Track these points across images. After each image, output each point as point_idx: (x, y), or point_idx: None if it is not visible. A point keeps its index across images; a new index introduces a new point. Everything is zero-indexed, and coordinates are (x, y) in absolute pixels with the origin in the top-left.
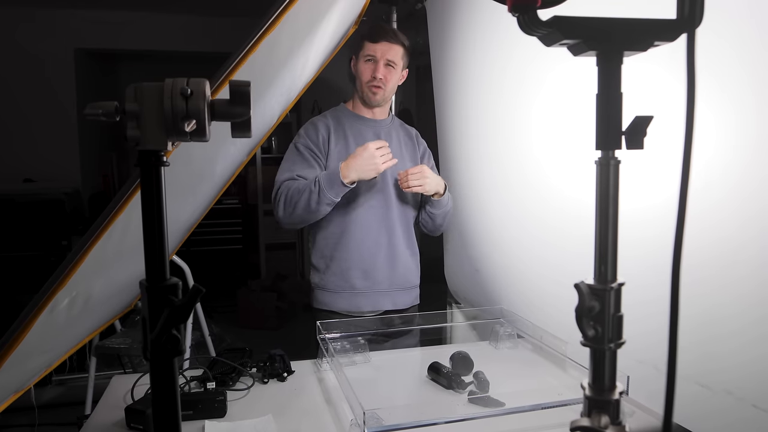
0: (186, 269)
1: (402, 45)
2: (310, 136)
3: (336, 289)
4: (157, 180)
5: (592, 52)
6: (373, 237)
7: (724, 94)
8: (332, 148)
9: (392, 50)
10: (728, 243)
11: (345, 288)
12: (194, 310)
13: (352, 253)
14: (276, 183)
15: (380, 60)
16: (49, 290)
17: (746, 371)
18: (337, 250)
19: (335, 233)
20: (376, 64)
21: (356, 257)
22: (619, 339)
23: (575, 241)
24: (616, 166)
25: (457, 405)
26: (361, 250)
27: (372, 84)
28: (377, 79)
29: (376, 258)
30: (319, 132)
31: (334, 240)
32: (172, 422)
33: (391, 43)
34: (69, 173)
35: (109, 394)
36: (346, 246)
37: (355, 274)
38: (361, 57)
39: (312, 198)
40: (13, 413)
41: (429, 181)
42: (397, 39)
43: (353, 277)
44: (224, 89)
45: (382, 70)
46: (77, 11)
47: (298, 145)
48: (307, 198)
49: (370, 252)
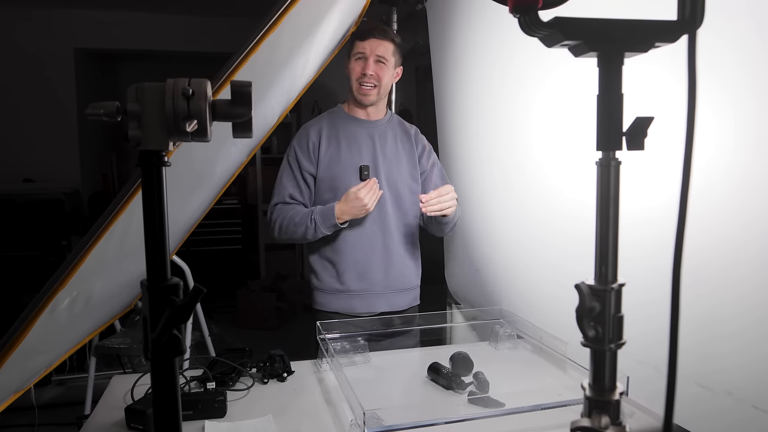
0: (186, 269)
1: (392, 41)
2: (300, 147)
3: (331, 290)
4: (158, 180)
5: (593, 53)
6: (368, 239)
7: (725, 94)
8: (323, 153)
9: (381, 46)
10: (729, 243)
11: (340, 289)
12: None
13: (347, 256)
14: (270, 204)
15: (370, 56)
16: (49, 290)
17: (746, 372)
18: (333, 252)
19: (331, 236)
20: (366, 61)
21: (351, 259)
22: (620, 339)
23: (576, 241)
24: (617, 167)
25: (456, 405)
26: (356, 253)
27: (363, 81)
28: (367, 75)
29: (371, 260)
30: (310, 139)
31: (330, 243)
32: (172, 422)
33: (380, 39)
34: (69, 173)
35: (108, 394)
36: (342, 248)
37: (350, 276)
38: (352, 56)
39: (308, 232)
40: (13, 413)
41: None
42: (386, 35)
43: (348, 279)
44: (225, 89)
45: (372, 66)
46: (77, 11)
47: (289, 159)
48: (303, 231)
49: (365, 254)
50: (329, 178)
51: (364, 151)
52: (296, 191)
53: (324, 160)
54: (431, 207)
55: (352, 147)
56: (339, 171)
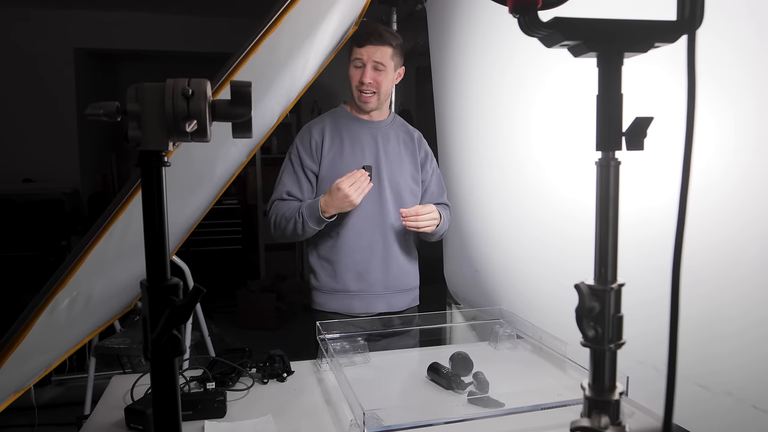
0: (186, 269)
1: (390, 45)
2: (303, 145)
3: (330, 290)
4: (157, 180)
5: (592, 53)
6: (367, 240)
7: (725, 95)
8: (326, 152)
9: (379, 52)
10: (728, 244)
11: (338, 290)
12: (194, 310)
13: (346, 256)
14: (270, 200)
15: (367, 63)
16: (49, 290)
17: (746, 372)
18: (332, 252)
19: (330, 236)
20: (363, 69)
21: (350, 260)
22: (619, 340)
23: (575, 242)
24: (617, 167)
25: (456, 405)
26: (355, 253)
27: (361, 89)
28: (365, 83)
29: (370, 261)
30: (313, 138)
31: (329, 242)
32: (172, 422)
33: (377, 45)
34: (68, 173)
35: (108, 395)
36: (341, 249)
37: (349, 277)
38: (351, 62)
39: (297, 227)
40: (12, 413)
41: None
42: (383, 40)
43: (347, 279)
44: (225, 90)
45: (370, 74)
46: (77, 11)
47: (291, 156)
48: (292, 227)
49: (364, 255)
50: (331, 177)
51: (367, 152)
52: (295, 188)
53: (327, 158)
54: (409, 222)
55: (355, 147)
56: (342, 170)
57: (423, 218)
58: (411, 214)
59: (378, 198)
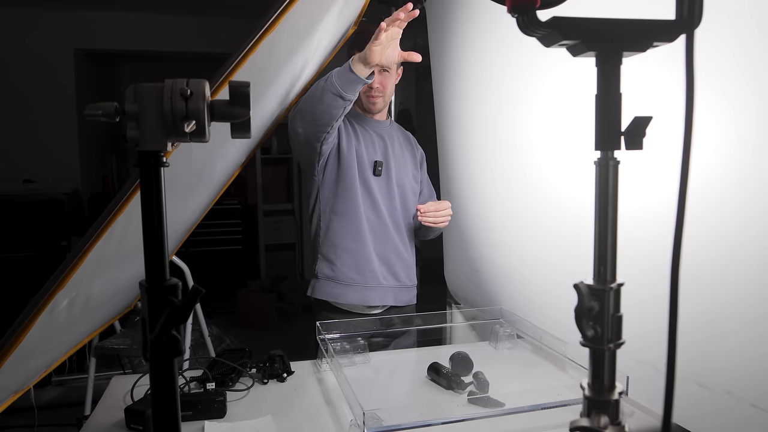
0: (185, 270)
1: None
2: None
3: (348, 281)
4: (156, 181)
5: (591, 52)
6: (385, 234)
7: (724, 94)
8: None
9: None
10: (728, 243)
11: (357, 281)
12: (194, 310)
13: (348, 245)
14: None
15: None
16: (49, 291)
17: (746, 371)
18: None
19: (333, 225)
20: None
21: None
22: (619, 339)
23: (575, 241)
24: (616, 166)
25: (456, 405)
26: (375, 246)
27: (369, 94)
28: (374, 89)
29: (372, 253)
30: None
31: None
32: (171, 423)
33: None
34: (68, 174)
35: (108, 395)
36: (343, 239)
37: (349, 266)
38: None
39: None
40: (12, 414)
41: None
42: None
43: (366, 270)
44: (224, 90)
45: (378, 78)
46: (77, 12)
47: None
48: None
49: (366, 246)
50: (346, 157)
51: (377, 147)
52: None
53: (344, 137)
54: (427, 218)
55: (366, 140)
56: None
57: (442, 214)
58: (430, 210)
59: (387, 193)
